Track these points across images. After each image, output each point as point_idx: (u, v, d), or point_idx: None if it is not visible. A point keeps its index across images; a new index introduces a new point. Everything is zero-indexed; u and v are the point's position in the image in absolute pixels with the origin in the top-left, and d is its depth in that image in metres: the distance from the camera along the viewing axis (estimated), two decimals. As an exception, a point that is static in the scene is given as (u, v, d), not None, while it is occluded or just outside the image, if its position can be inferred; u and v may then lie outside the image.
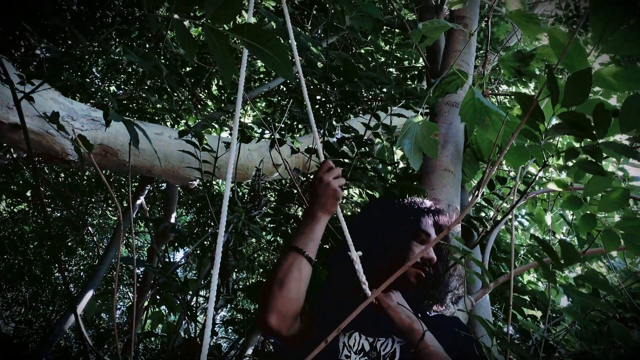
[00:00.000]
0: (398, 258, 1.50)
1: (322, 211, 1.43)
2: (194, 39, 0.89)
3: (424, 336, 1.32)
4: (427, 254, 1.50)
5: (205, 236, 2.33)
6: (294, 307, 1.35)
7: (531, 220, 3.52)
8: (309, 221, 1.44)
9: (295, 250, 1.39)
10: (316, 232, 1.42)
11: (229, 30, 0.89)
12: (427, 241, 1.54)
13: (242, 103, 1.22)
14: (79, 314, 2.61)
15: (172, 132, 3.38)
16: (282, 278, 1.36)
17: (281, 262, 1.40)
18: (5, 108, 2.51)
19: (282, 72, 0.92)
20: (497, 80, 3.92)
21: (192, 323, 2.00)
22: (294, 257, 1.38)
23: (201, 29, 5.34)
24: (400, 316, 1.35)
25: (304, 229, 1.43)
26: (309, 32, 3.90)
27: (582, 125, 1.23)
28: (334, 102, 2.66)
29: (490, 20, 2.26)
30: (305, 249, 1.39)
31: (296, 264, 1.37)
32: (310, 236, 1.41)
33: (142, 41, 5.10)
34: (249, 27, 0.88)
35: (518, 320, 2.58)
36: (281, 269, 1.38)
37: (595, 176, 1.90)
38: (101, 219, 7.30)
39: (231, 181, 1.16)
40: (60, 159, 2.80)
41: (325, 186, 1.40)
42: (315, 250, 1.42)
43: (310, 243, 1.41)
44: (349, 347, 1.41)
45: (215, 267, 1.06)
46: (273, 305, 1.34)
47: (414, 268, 1.50)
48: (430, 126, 1.92)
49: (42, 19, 3.75)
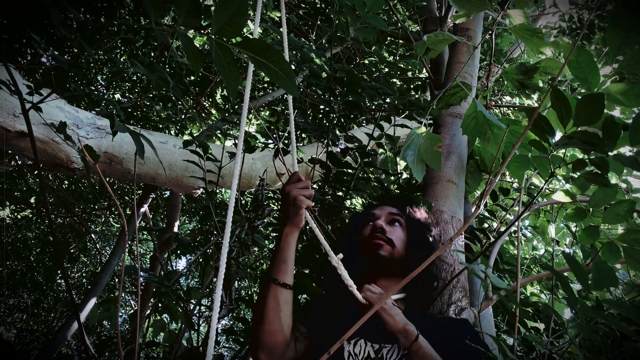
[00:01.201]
0: (352, 244, 1.64)
1: (288, 225, 1.42)
2: (200, 52, 0.90)
3: (417, 338, 1.33)
4: (375, 223, 1.64)
5: (209, 245, 2.34)
6: (280, 337, 1.36)
7: (534, 231, 3.52)
8: (277, 241, 1.44)
9: (268, 280, 1.39)
10: (284, 251, 1.41)
11: (235, 44, 0.90)
12: (375, 220, 1.67)
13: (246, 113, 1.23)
14: (82, 321, 2.61)
15: (177, 141, 3.40)
16: (261, 312, 1.37)
17: (259, 295, 1.41)
18: (12, 116, 2.54)
19: (286, 87, 0.93)
20: (501, 92, 3.93)
21: (194, 332, 2.01)
22: (268, 287, 1.39)
23: (206, 38, 5.38)
24: (394, 318, 1.37)
25: (275, 252, 1.43)
26: (313, 42, 3.93)
27: (593, 142, 1.24)
28: (338, 113, 2.68)
29: (494, 32, 2.27)
30: (277, 275, 1.39)
31: (271, 294, 1.37)
32: (280, 258, 1.41)
33: (147, 50, 5.14)
34: (254, 41, 0.89)
35: (521, 333, 2.57)
36: (258, 302, 1.40)
37: (601, 188, 1.89)
38: (104, 226, 7.31)
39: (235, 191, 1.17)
40: (65, 166, 2.82)
41: (286, 195, 1.40)
42: (288, 270, 1.41)
43: (282, 265, 1.40)
44: (355, 355, 1.41)
45: (219, 277, 1.07)
46: (259, 341, 1.36)
47: (367, 241, 1.62)
48: (434, 138, 1.92)
49: (49, 28, 3.78)
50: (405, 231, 1.68)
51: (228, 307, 1.79)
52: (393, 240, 1.61)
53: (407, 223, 1.70)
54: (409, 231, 1.68)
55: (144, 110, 5.38)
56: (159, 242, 4.34)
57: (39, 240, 6.93)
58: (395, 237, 1.63)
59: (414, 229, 1.70)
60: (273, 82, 0.92)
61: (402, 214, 1.72)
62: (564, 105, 1.17)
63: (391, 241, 1.61)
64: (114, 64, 4.90)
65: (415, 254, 1.62)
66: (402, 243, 1.63)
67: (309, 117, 3.90)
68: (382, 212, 1.70)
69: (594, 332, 1.56)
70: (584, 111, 1.15)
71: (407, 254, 1.62)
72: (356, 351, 1.42)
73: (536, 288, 3.55)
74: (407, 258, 1.61)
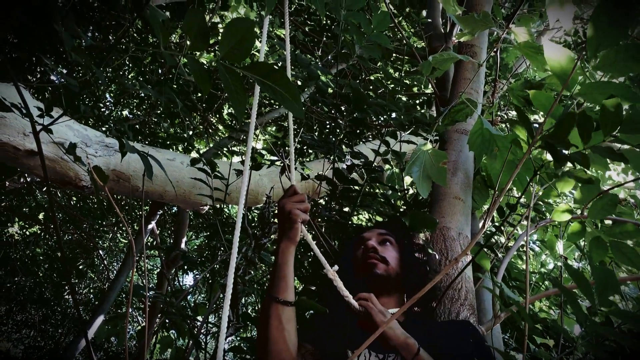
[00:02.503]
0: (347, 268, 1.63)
1: (282, 240, 1.41)
2: (208, 74, 0.91)
3: (419, 351, 1.33)
4: (367, 244, 1.66)
5: (216, 262, 2.34)
6: (286, 357, 1.35)
7: (542, 246, 3.50)
8: (275, 257, 1.43)
9: (269, 299, 1.38)
10: (282, 268, 1.40)
11: (242, 68, 0.91)
12: (366, 242, 1.68)
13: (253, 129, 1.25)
14: (89, 338, 2.61)
15: (184, 158, 3.42)
16: (265, 332, 1.37)
17: (261, 315, 1.40)
18: (21, 135, 2.57)
19: (292, 109, 0.94)
20: (507, 107, 3.93)
21: (201, 351, 2.00)
22: (270, 306, 1.38)
23: (213, 54, 5.43)
24: (395, 332, 1.36)
25: (273, 269, 1.43)
26: (319, 59, 3.96)
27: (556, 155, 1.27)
28: (344, 129, 2.69)
29: (499, 49, 2.29)
30: (277, 293, 1.38)
31: (273, 314, 1.36)
32: (279, 275, 1.40)
33: (155, 67, 5.20)
34: (260, 65, 0.91)
35: (530, 349, 2.55)
36: (262, 322, 1.39)
37: (584, 185, 1.89)
38: (112, 242, 7.33)
39: (243, 209, 1.18)
40: (74, 184, 2.84)
41: (281, 209, 1.39)
42: (288, 286, 1.40)
43: (281, 283, 1.39)
44: None
45: (227, 295, 1.07)
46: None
47: (362, 261, 1.64)
48: (439, 154, 1.93)
49: (58, 46, 3.84)
50: (397, 248, 1.70)
51: (235, 325, 1.79)
52: (387, 258, 1.63)
53: (397, 242, 1.73)
54: (400, 248, 1.71)
55: (152, 127, 5.43)
56: (167, 259, 4.35)
57: (47, 256, 6.96)
58: (388, 255, 1.65)
59: (405, 246, 1.73)
60: (279, 103, 0.93)
61: (391, 233, 1.74)
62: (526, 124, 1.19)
63: (385, 259, 1.62)
64: (122, 84, 4.96)
65: (410, 269, 1.65)
66: (395, 260, 1.65)
67: (315, 133, 3.91)
68: (371, 234, 1.72)
69: (603, 350, 1.55)
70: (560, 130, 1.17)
71: (402, 270, 1.64)
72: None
73: (545, 304, 3.53)
74: (404, 274, 1.63)
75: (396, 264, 1.64)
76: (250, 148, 1.23)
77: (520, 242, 2.34)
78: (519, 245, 2.26)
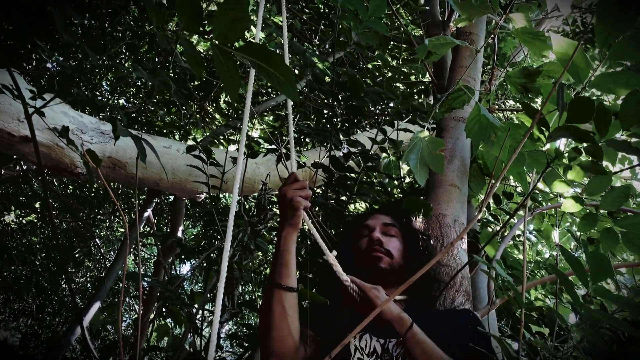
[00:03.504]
0: (347, 257, 1.62)
1: (285, 227, 1.40)
2: (201, 57, 0.90)
3: (412, 325, 1.35)
4: (372, 236, 1.64)
5: (212, 249, 2.34)
6: (289, 343, 1.36)
7: (539, 235, 3.50)
8: (277, 244, 1.43)
9: (272, 285, 1.38)
10: (285, 254, 1.40)
11: (236, 49, 0.90)
12: (371, 233, 1.66)
13: (249, 117, 1.24)
14: (85, 326, 2.62)
15: (180, 146, 3.41)
16: (268, 319, 1.36)
17: (263, 301, 1.40)
18: (16, 121, 2.55)
19: (287, 92, 0.93)
20: (504, 96, 3.93)
21: (197, 337, 2.00)
22: (273, 292, 1.37)
23: (209, 43, 5.39)
24: (389, 306, 1.39)
25: (275, 256, 1.42)
26: (316, 47, 3.94)
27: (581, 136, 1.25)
28: (341, 117, 2.68)
29: (496, 36, 2.27)
30: (280, 279, 1.38)
31: (276, 300, 1.36)
32: (281, 261, 1.39)
33: (151, 55, 5.16)
34: (255, 46, 0.89)
35: (526, 337, 2.56)
36: (264, 309, 1.38)
37: (596, 176, 1.89)
38: (108, 231, 7.33)
39: (238, 195, 1.17)
40: (69, 171, 2.83)
41: (283, 197, 1.39)
42: (291, 273, 1.40)
43: (284, 269, 1.39)
44: (361, 350, 1.42)
45: (221, 280, 1.07)
46: (270, 349, 1.36)
47: (366, 254, 1.62)
48: (436, 142, 1.92)
49: (54, 34, 3.81)
50: (401, 239, 1.69)
51: (231, 311, 1.79)
52: (391, 251, 1.62)
53: (401, 232, 1.71)
54: (404, 239, 1.69)
55: (148, 115, 5.40)
56: (163, 247, 4.35)
57: (43, 245, 6.95)
58: (392, 247, 1.64)
59: (409, 236, 1.71)
60: (273, 86, 0.93)
61: (395, 222, 1.72)
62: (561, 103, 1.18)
63: (389, 252, 1.62)
64: (118, 70, 4.92)
65: (413, 261, 1.64)
66: (399, 252, 1.64)
67: (312, 122, 3.90)
68: (376, 223, 1.70)
69: (598, 337, 1.55)
70: (576, 111, 1.16)
71: (405, 262, 1.64)
72: (362, 345, 1.43)
73: (540, 293, 3.54)
74: (407, 266, 1.63)
75: (399, 256, 1.63)
76: (244, 133, 1.22)
77: (516, 229, 2.34)
78: (514, 233, 2.26)
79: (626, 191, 1.94)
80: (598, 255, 1.20)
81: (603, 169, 1.62)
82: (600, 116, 1.30)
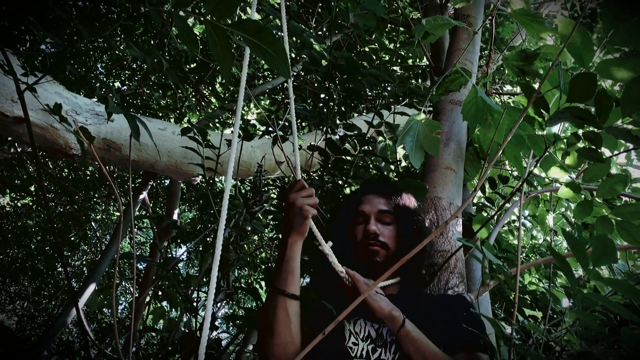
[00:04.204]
0: (344, 243, 1.60)
1: (292, 235, 1.39)
2: (194, 34, 0.88)
3: (404, 323, 1.35)
4: (368, 228, 1.60)
5: (207, 231, 2.34)
6: (291, 349, 1.34)
7: (534, 221, 3.51)
8: (282, 251, 1.41)
9: (276, 292, 1.37)
10: (291, 262, 1.39)
11: (228, 25, 0.89)
12: (367, 224, 1.61)
13: (245, 100, 1.22)
14: (81, 308, 2.62)
15: (176, 128, 3.39)
16: (271, 325, 1.35)
17: (267, 307, 1.38)
18: (10, 101, 2.53)
19: (280, 69, 0.92)
20: (501, 80, 3.91)
21: (193, 318, 2.01)
22: (277, 299, 1.36)
23: (202, 20, 5.32)
24: (380, 304, 1.38)
25: (280, 263, 1.40)
26: (312, 29, 3.90)
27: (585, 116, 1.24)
28: (337, 100, 2.66)
29: (494, 19, 2.25)
30: (285, 286, 1.37)
31: (281, 307, 1.35)
32: (286, 268, 1.38)
33: (146, 37, 5.12)
34: (248, 22, 0.88)
35: (519, 321, 2.58)
36: (268, 315, 1.37)
37: (595, 163, 1.87)
38: (104, 214, 7.32)
39: (234, 178, 1.16)
40: (63, 152, 2.81)
41: (291, 205, 1.37)
42: (295, 281, 1.39)
43: (289, 277, 1.38)
44: (355, 334, 1.43)
45: (215, 259, 1.06)
46: (271, 355, 1.34)
47: (362, 246, 1.59)
48: (432, 124, 1.92)
49: (47, 13, 3.76)
50: (395, 225, 1.65)
51: (226, 291, 1.79)
52: (387, 242, 1.60)
53: (395, 216, 1.66)
54: (398, 224, 1.66)
55: (144, 98, 5.37)
56: (159, 230, 4.35)
57: (39, 228, 6.94)
58: (387, 237, 1.61)
59: (403, 220, 1.67)
60: (266, 63, 0.91)
61: (390, 207, 1.67)
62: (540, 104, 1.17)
63: (385, 244, 1.59)
64: (112, 50, 4.88)
65: (407, 245, 1.61)
66: (394, 240, 1.62)
67: (309, 105, 3.88)
68: (371, 209, 1.65)
69: (591, 320, 1.56)
70: (579, 87, 1.14)
71: (398, 247, 1.61)
72: (356, 330, 1.44)
73: (534, 277, 3.56)
74: (400, 251, 1.60)
75: (394, 244, 1.61)
76: (239, 113, 1.21)
77: (510, 213, 2.34)
78: (509, 216, 2.27)
79: (623, 179, 1.93)
80: (604, 238, 1.20)
81: (601, 156, 1.60)
82: (602, 100, 1.29)
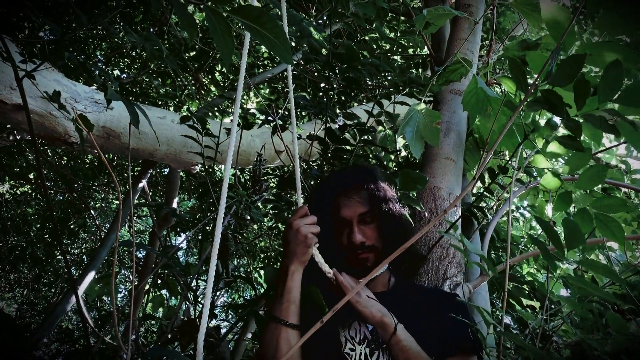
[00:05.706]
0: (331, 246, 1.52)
1: (293, 262, 1.36)
2: (194, 19, 0.88)
3: (395, 330, 1.32)
4: (353, 239, 1.50)
5: (206, 219, 2.34)
6: None
7: (532, 211, 3.52)
8: (283, 279, 1.37)
9: (277, 322, 1.34)
10: (292, 291, 1.36)
11: (228, 11, 0.88)
12: (349, 229, 1.52)
13: (245, 88, 1.22)
14: (80, 295, 2.63)
15: (175, 116, 3.39)
16: (272, 356, 1.31)
17: (267, 337, 1.35)
18: (9, 89, 2.52)
19: (281, 55, 0.92)
20: (502, 70, 3.90)
21: (192, 306, 2.02)
22: (279, 330, 1.33)
23: (202, 7, 5.30)
24: (371, 311, 1.35)
25: (280, 291, 1.37)
26: (313, 18, 3.88)
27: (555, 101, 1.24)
28: (337, 89, 2.66)
29: (495, 8, 2.24)
30: (286, 316, 1.34)
31: (283, 338, 1.32)
32: (287, 297, 1.35)
33: (146, 25, 5.09)
34: (248, 8, 0.88)
35: (516, 311, 2.59)
36: (269, 346, 1.33)
37: (575, 152, 1.85)
38: (103, 202, 7.32)
39: (233, 166, 1.16)
40: (62, 140, 2.81)
41: (295, 232, 1.34)
42: (296, 310, 1.36)
43: (292, 307, 1.35)
44: (352, 339, 1.41)
45: (214, 247, 1.07)
46: None
47: (352, 254, 1.51)
48: (433, 114, 1.91)
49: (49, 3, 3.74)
50: (376, 222, 1.57)
51: (225, 279, 1.80)
52: (374, 244, 1.53)
53: (375, 212, 1.57)
54: (379, 219, 1.57)
55: (143, 86, 5.35)
56: (158, 218, 4.35)
57: (38, 215, 6.95)
58: (373, 237, 1.54)
59: (384, 214, 1.58)
60: (267, 49, 0.90)
61: (367, 204, 1.57)
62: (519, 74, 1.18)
63: (373, 247, 1.53)
64: (111, 38, 4.85)
65: (392, 237, 1.55)
66: (377, 239, 1.55)
67: (308, 94, 3.87)
68: (352, 215, 1.55)
69: (587, 310, 1.57)
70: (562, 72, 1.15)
71: (385, 242, 1.55)
72: (352, 334, 1.41)
73: (533, 267, 3.57)
74: (385, 245, 1.55)
75: (380, 242, 1.55)
76: (239, 100, 1.21)
77: (510, 203, 2.34)
78: (507, 208, 2.27)
79: (603, 170, 1.89)
80: (570, 222, 1.21)
81: (581, 145, 1.59)
82: (580, 85, 1.28)
